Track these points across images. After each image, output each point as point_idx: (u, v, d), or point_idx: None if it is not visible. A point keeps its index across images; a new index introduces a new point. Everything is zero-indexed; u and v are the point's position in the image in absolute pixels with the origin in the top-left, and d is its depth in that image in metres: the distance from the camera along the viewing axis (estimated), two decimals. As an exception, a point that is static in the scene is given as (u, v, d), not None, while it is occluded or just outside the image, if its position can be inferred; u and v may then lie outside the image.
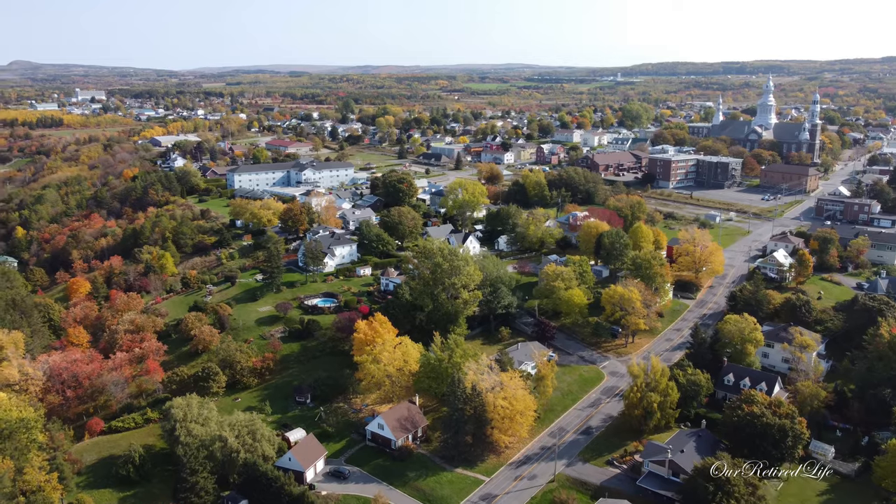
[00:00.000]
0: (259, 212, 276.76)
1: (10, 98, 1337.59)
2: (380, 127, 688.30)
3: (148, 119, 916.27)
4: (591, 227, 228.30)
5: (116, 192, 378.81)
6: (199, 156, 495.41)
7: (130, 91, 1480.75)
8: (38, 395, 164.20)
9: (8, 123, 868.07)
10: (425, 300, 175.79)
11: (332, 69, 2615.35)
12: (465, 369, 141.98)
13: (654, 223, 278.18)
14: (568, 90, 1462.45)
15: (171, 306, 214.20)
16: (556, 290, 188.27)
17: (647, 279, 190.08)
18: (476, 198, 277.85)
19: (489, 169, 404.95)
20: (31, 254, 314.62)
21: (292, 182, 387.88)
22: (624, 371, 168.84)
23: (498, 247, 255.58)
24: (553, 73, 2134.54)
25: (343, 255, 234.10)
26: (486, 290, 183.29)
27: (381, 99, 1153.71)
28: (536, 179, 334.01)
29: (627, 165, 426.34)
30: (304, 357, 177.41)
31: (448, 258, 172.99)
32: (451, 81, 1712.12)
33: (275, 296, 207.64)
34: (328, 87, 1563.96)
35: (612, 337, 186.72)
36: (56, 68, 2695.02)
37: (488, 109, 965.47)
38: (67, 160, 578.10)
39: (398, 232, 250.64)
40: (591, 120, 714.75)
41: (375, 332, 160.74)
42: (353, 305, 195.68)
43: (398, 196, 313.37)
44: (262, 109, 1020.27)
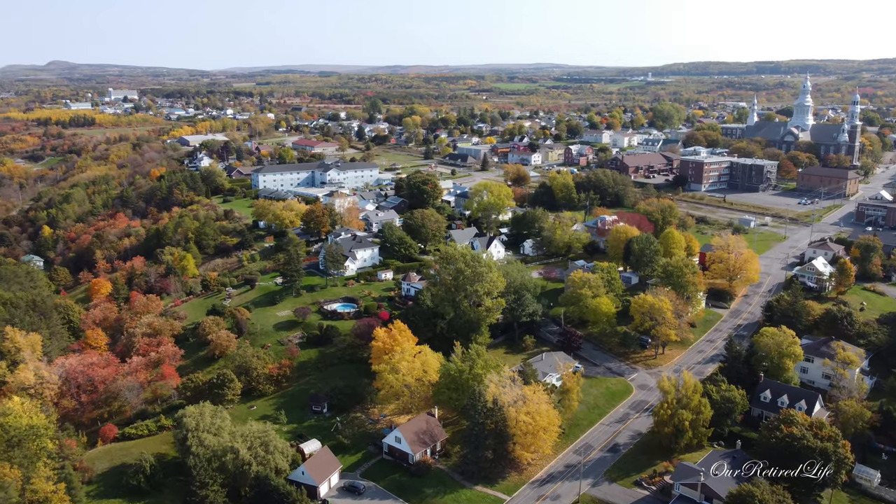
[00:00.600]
0: (281, 213, 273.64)
1: (46, 97, 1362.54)
2: (406, 127, 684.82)
3: (178, 118, 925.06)
4: (620, 231, 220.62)
5: (142, 191, 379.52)
6: (225, 155, 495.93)
7: (162, 91, 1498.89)
8: (52, 399, 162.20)
9: (42, 122, 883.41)
10: (446, 307, 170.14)
11: (362, 69, 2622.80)
12: (487, 381, 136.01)
13: (686, 228, 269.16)
14: (597, 90, 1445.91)
15: (190, 309, 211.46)
16: (582, 298, 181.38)
17: (678, 288, 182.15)
18: (501, 200, 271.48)
19: (516, 170, 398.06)
20: (57, 253, 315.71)
21: (317, 182, 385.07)
22: (653, 384, 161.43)
23: (523, 251, 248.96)
24: (583, 73, 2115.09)
25: (364, 259, 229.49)
26: (509, 298, 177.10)
27: (408, 99, 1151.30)
28: (564, 181, 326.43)
29: (658, 167, 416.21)
30: (322, 364, 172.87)
31: (470, 264, 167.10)
32: (480, 81, 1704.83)
33: (294, 300, 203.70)
34: (356, 87, 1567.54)
35: (642, 348, 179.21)
36: (92, 68, 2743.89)
37: (516, 109, 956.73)
38: (97, 159, 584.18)
39: (421, 235, 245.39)
40: (620, 120, 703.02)
41: (394, 341, 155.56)
42: (373, 311, 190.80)
43: (422, 198, 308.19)
44: (290, 109, 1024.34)
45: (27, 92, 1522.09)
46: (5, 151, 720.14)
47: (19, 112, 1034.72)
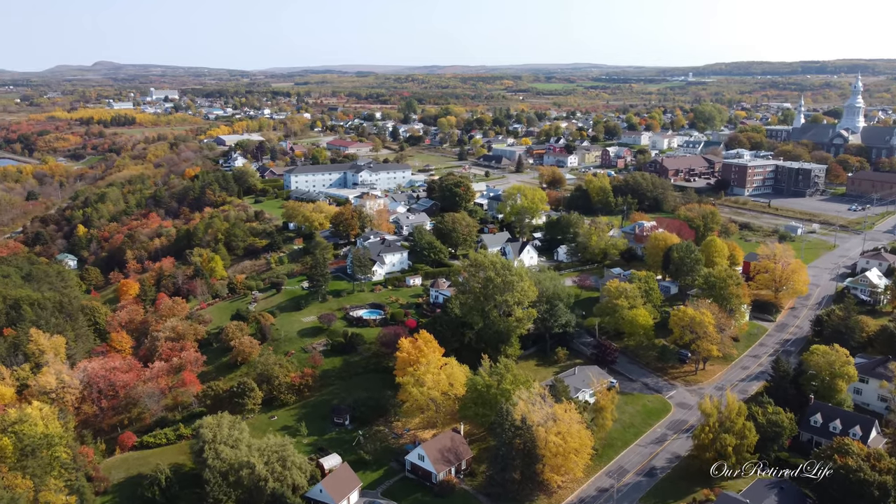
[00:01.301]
0: (311, 215, 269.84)
1: (90, 97, 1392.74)
2: (441, 127, 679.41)
3: (216, 118, 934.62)
4: (659, 238, 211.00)
5: (175, 191, 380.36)
6: (259, 155, 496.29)
7: (202, 90, 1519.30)
8: (73, 404, 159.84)
9: (85, 122, 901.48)
10: (475, 317, 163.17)
11: (399, 69, 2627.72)
12: (515, 398, 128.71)
13: (729, 235, 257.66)
14: (636, 90, 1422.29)
15: (216, 312, 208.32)
16: (618, 309, 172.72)
17: (721, 300, 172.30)
18: (535, 204, 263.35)
19: (551, 172, 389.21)
20: (91, 252, 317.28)
21: (349, 184, 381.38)
22: (693, 402, 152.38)
23: (557, 257, 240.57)
24: (621, 73, 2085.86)
25: (393, 263, 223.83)
26: (541, 308, 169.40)
27: (444, 99, 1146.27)
28: (601, 185, 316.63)
29: (699, 170, 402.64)
30: (346, 373, 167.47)
31: (500, 272, 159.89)
32: (517, 81, 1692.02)
33: (319, 305, 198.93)
34: (393, 87, 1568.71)
35: (681, 362, 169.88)
36: (136, 68, 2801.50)
37: (553, 110, 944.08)
38: (135, 158, 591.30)
39: (451, 239, 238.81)
40: (660, 121, 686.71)
41: (419, 352, 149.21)
42: (400, 318, 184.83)
43: (454, 200, 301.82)
44: (326, 109, 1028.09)
45: (73, 92, 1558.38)
46: (49, 150, 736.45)
47: (64, 111, 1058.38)
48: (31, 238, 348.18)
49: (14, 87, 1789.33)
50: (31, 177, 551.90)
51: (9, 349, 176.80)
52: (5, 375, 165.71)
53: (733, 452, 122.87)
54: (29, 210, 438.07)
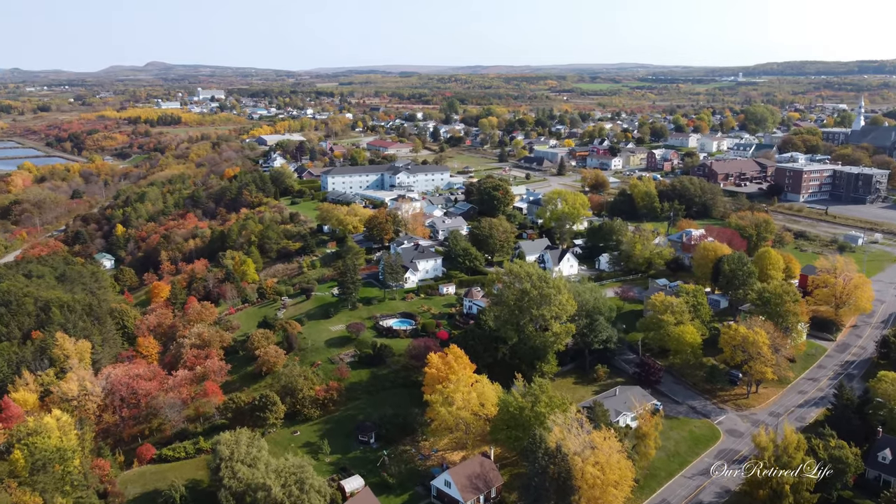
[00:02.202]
0: (345, 218, 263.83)
1: (140, 97, 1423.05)
2: (482, 128, 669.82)
3: (259, 118, 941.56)
4: (709, 249, 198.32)
5: (212, 191, 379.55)
6: (298, 156, 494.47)
7: (248, 90, 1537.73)
8: (94, 412, 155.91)
9: (132, 121, 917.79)
10: (509, 331, 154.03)
11: (442, 69, 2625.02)
12: (550, 423, 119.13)
13: (783, 244, 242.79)
14: (684, 91, 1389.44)
15: (244, 318, 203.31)
16: (664, 325, 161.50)
17: (776, 317, 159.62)
18: (576, 209, 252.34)
19: (594, 176, 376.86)
20: (128, 252, 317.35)
21: (386, 185, 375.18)
22: (744, 429, 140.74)
23: (599, 266, 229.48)
24: (668, 73, 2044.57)
25: (426, 270, 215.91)
26: (581, 322, 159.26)
27: (486, 99, 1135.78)
28: (646, 189, 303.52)
29: (750, 175, 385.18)
30: (373, 387, 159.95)
31: (537, 285, 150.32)
32: (561, 81, 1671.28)
33: (349, 313, 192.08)
34: (436, 88, 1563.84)
35: (731, 384, 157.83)
36: (186, 69, 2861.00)
37: (597, 111, 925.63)
38: (178, 157, 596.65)
39: (488, 245, 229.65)
40: (709, 123, 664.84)
41: (449, 368, 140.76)
42: (431, 330, 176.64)
43: (492, 204, 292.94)
44: (368, 109, 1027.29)
45: (124, 91, 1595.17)
46: (97, 148, 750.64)
47: (114, 111, 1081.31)
48: (71, 237, 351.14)
49: (69, 87, 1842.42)
50: (77, 175, 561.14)
51: (34, 353, 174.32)
52: (29, 381, 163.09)
53: (791, 492, 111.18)
54: (73, 208, 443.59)
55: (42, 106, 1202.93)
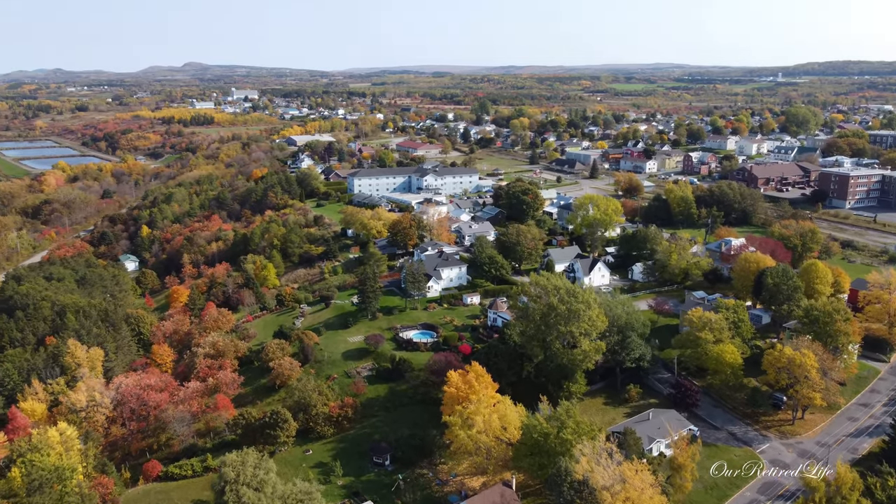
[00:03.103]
0: (368, 222, 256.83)
1: (176, 97, 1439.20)
2: (513, 129, 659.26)
3: (291, 118, 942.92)
4: (750, 260, 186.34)
5: (238, 193, 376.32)
6: (327, 157, 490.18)
7: (282, 90, 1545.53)
8: (102, 424, 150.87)
9: (166, 121, 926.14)
10: (535, 348, 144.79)
11: (475, 70, 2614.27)
12: (577, 452, 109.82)
13: (830, 255, 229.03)
14: (721, 91, 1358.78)
15: (262, 326, 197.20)
16: (701, 343, 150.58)
17: (824, 337, 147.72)
18: (609, 216, 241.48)
19: (628, 179, 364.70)
20: (152, 254, 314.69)
21: (413, 188, 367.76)
22: (789, 459, 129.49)
23: (632, 276, 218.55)
24: (705, 73, 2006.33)
25: (450, 279, 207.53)
26: (611, 339, 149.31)
27: (519, 100, 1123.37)
28: (682, 194, 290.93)
29: (792, 179, 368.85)
30: (391, 403, 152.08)
31: (565, 300, 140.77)
32: (595, 82, 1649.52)
33: (368, 323, 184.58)
34: (468, 88, 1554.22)
35: (775, 409, 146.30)
36: (222, 69, 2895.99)
37: (632, 112, 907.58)
38: (209, 158, 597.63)
39: (515, 253, 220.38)
40: (748, 125, 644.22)
41: (470, 387, 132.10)
42: (454, 343, 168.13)
43: (521, 209, 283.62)
44: (399, 109, 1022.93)
45: (161, 92, 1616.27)
46: (130, 148, 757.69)
47: (149, 111, 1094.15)
48: (97, 237, 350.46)
49: (108, 87, 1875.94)
50: (109, 175, 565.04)
51: (46, 360, 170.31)
52: (38, 390, 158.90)
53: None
54: (102, 208, 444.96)
55: (80, 106, 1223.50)
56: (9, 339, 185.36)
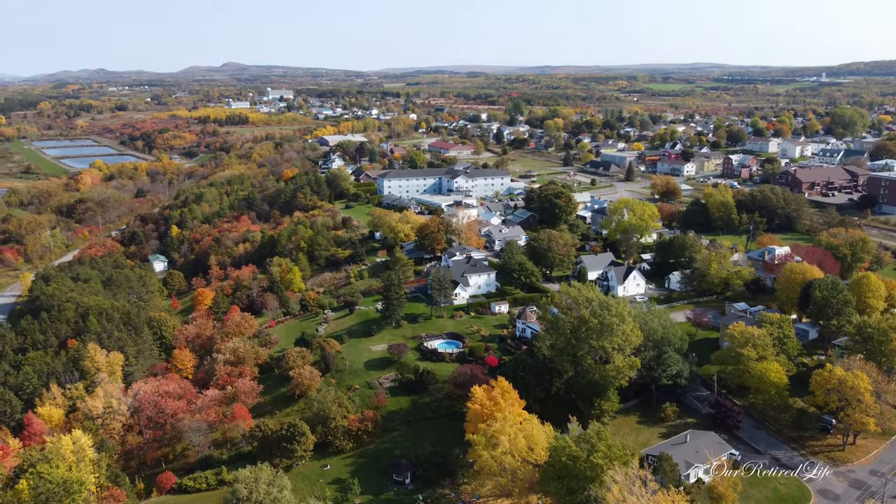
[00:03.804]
0: (396, 225, 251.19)
1: (213, 96, 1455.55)
2: (547, 130, 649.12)
3: (325, 118, 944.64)
4: (796, 271, 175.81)
5: (267, 194, 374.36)
6: (358, 157, 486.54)
7: (317, 90, 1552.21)
8: (119, 432, 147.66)
9: (202, 120, 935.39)
10: (565, 363, 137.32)
11: (510, 70, 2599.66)
12: (608, 479, 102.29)
13: (881, 265, 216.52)
14: (762, 91, 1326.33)
15: (284, 332, 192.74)
16: (743, 360, 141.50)
17: (878, 356, 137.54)
18: (645, 221, 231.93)
19: (665, 182, 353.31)
20: (181, 254, 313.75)
21: (443, 190, 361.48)
22: (839, 490, 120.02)
23: (669, 285, 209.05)
24: (745, 73, 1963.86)
25: (478, 286, 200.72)
26: (647, 355, 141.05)
27: (553, 100, 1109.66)
28: (722, 199, 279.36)
29: (839, 184, 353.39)
30: (413, 417, 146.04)
31: (598, 313, 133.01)
32: (631, 82, 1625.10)
33: (392, 331, 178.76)
34: (502, 88, 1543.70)
35: (823, 432, 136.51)
36: (259, 69, 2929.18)
37: (669, 112, 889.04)
38: (241, 157, 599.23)
39: (546, 260, 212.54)
40: (790, 126, 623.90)
41: (495, 404, 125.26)
42: (480, 354, 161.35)
43: (554, 213, 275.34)
44: (433, 110, 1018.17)
45: (198, 91, 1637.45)
46: (166, 147, 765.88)
47: (186, 110, 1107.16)
48: (128, 237, 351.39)
49: (149, 87, 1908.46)
50: (144, 174, 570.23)
51: (66, 364, 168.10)
52: (56, 395, 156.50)
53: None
54: (135, 207, 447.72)
55: (120, 105, 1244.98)
56: (31, 342, 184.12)
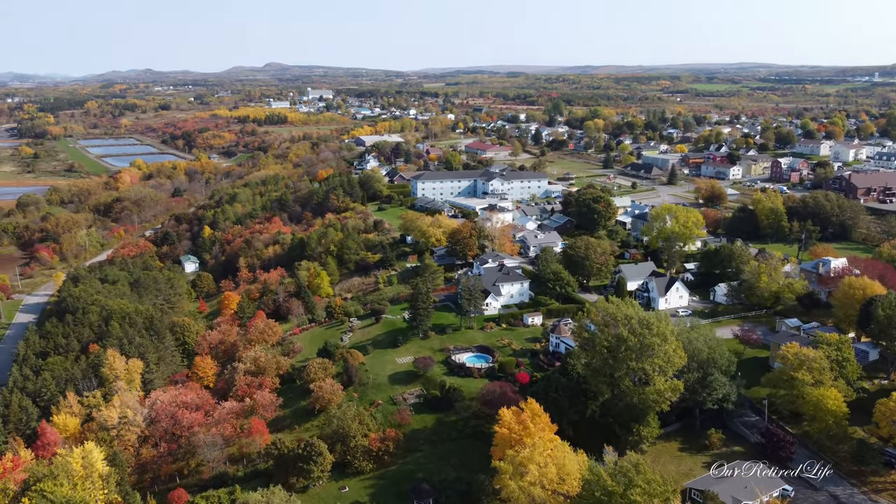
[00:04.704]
0: (428, 229, 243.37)
1: (254, 96, 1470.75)
2: (587, 131, 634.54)
3: (363, 118, 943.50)
4: (855, 286, 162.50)
5: (300, 195, 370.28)
6: (393, 158, 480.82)
7: (356, 90, 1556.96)
8: (133, 444, 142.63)
9: (241, 120, 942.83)
10: (601, 384, 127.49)
11: (550, 69, 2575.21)
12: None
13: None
14: (811, 92, 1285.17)
15: (308, 340, 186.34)
16: (797, 384, 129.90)
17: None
18: (689, 229, 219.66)
19: (709, 186, 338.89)
20: (212, 256, 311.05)
21: (478, 192, 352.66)
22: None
23: (714, 297, 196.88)
24: (793, 73, 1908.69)
25: (511, 295, 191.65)
26: (691, 376, 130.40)
27: (594, 100, 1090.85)
28: (772, 205, 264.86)
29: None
30: (437, 437, 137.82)
31: (637, 332, 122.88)
32: (675, 82, 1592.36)
33: (419, 343, 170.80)
34: (542, 88, 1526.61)
35: (887, 467, 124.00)
36: (301, 69, 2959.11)
37: (714, 113, 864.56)
38: (278, 157, 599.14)
39: (583, 269, 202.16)
40: (843, 128, 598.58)
41: (524, 429, 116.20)
42: (510, 370, 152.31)
43: (592, 218, 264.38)
44: (471, 110, 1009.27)
45: (241, 91, 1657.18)
46: (206, 146, 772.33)
47: (227, 110, 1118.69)
48: (161, 237, 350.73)
49: (192, 87, 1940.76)
50: (182, 173, 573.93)
51: (85, 371, 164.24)
52: (73, 403, 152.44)
53: None
54: (172, 206, 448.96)
55: (163, 104, 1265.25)
56: (54, 346, 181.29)
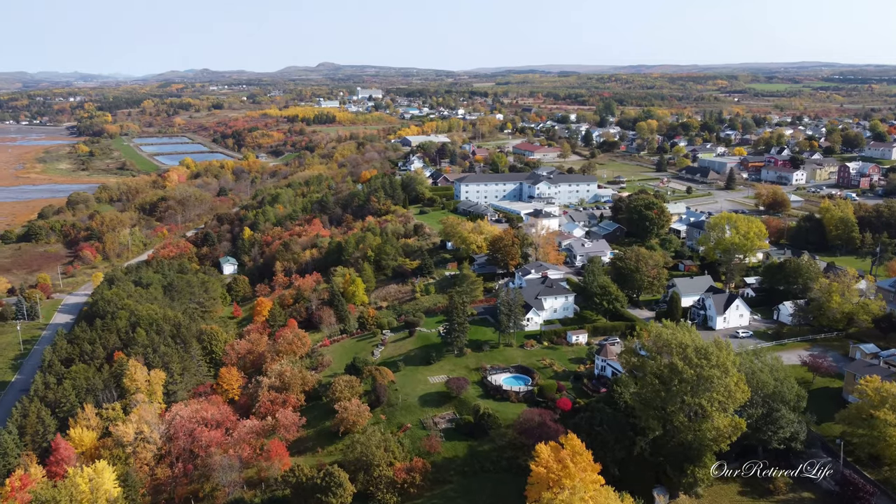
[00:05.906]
0: (468, 235, 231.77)
1: (305, 95, 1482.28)
2: (640, 132, 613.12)
3: (410, 118, 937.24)
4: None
5: (341, 196, 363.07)
6: (438, 159, 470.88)
7: (406, 90, 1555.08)
8: (149, 462, 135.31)
9: (290, 119, 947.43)
10: (651, 419, 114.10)
11: (602, 69, 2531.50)
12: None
13: None
14: (878, 92, 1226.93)
15: (339, 352, 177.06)
16: (878, 424, 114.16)
17: None
18: (750, 240, 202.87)
19: (771, 192, 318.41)
20: (251, 258, 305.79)
21: (524, 196, 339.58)
22: None
23: (778, 316, 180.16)
24: (858, 72, 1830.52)
25: (554, 309, 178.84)
26: (754, 412, 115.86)
27: (647, 100, 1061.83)
28: (842, 215, 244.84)
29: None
30: (469, 468, 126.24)
31: (694, 362, 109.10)
32: (732, 82, 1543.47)
33: (454, 360, 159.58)
34: (594, 88, 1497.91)
35: None
36: (353, 69, 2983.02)
37: (774, 114, 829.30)
38: (324, 157, 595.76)
39: (633, 282, 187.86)
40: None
41: (564, 468, 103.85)
42: (551, 395, 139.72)
43: (644, 225, 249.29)
44: (520, 110, 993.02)
45: (292, 91, 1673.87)
46: (255, 146, 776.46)
47: (277, 109, 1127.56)
48: (201, 238, 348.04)
49: (246, 86, 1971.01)
50: (229, 172, 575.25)
51: (106, 381, 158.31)
52: (90, 416, 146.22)
53: None
54: (216, 206, 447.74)
55: (216, 104, 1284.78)
56: (79, 352, 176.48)
